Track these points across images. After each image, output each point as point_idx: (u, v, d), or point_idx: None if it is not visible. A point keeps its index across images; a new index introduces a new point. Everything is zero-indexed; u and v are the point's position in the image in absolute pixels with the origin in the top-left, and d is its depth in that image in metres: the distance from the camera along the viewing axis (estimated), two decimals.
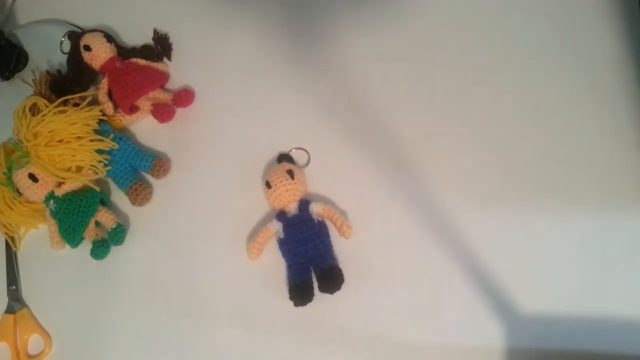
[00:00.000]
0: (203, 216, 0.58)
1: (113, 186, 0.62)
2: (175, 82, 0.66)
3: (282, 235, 0.54)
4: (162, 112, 0.62)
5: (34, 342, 0.58)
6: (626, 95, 0.55)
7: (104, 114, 0.62)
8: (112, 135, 0.60)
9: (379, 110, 0.59)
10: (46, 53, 0.68)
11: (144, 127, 0.64)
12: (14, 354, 0.57)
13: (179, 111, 0.63)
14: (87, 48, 0.63)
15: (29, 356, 0.57)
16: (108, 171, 0.60)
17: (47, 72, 0.64)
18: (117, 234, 0.57)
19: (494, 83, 0.58)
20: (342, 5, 0.65)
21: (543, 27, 0.59)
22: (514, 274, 0.50)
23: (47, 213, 0.59)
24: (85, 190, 0.59)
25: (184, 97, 0.63)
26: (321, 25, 0.65)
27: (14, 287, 0.60)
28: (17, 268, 0.61)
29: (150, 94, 0.63)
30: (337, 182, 0.57)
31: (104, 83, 0.63)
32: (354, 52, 0.62)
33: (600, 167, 0.53)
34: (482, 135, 0.56)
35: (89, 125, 0.59)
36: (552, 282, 0.50)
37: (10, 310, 0.58)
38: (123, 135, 0.62)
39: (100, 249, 0.57)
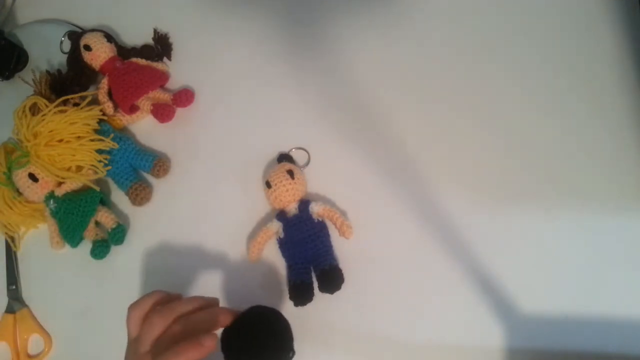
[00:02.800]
0: (203, 216, 0.58)
1: (113, 186, 0.62)
2: (175, 82, 0.66)
3: (282, 235, 0.54)
4: (162, 112, 0.62)
5: (34, 342, 0.58)
6: (626, 95, 0.55)
7: (104, 114, 0.62)
8: (112, 135, 0.60)
9: (379, 110, 0.59)
10: (46, 53, 0.68)
11: (144, 127, 0.64)
12: (14, 354, 0.57)
13: (179, 111, 0.63)
14: (87, 48, 0.63)
15: (29, 356, 0.57)
16: (108, 171, 0.60)
17: (47, 72, 0.64)
18: (117, 234, 0.58)
19: (494, 83, 0.58)
20: (342, 5, 0.65)
21: (543, 28, 0.59)
22: (513, 274, 0.50)
23: (47, 213, 0.59)
24: (85, 190, 0.59)
25: (184, 97, 0.63)
26: (321, 25, 0.65)
27: (14, 287, 0.60)
28: (17, 268, 0.61)
29: (150, 94, 0.63)
30: (337, 182, 0.57)
31: (104, 83, 0.63)
32: (355, 51, 0.62)
33: (600, 167, 0.53)
34: (482, 135, 0.56)
35: (88, 125, 0.60)
36: (552, 282, 0.50)
37: (10, 310, 0.58)
38: (123, 135, 0.62)
39: (100, 249, 0.58)
